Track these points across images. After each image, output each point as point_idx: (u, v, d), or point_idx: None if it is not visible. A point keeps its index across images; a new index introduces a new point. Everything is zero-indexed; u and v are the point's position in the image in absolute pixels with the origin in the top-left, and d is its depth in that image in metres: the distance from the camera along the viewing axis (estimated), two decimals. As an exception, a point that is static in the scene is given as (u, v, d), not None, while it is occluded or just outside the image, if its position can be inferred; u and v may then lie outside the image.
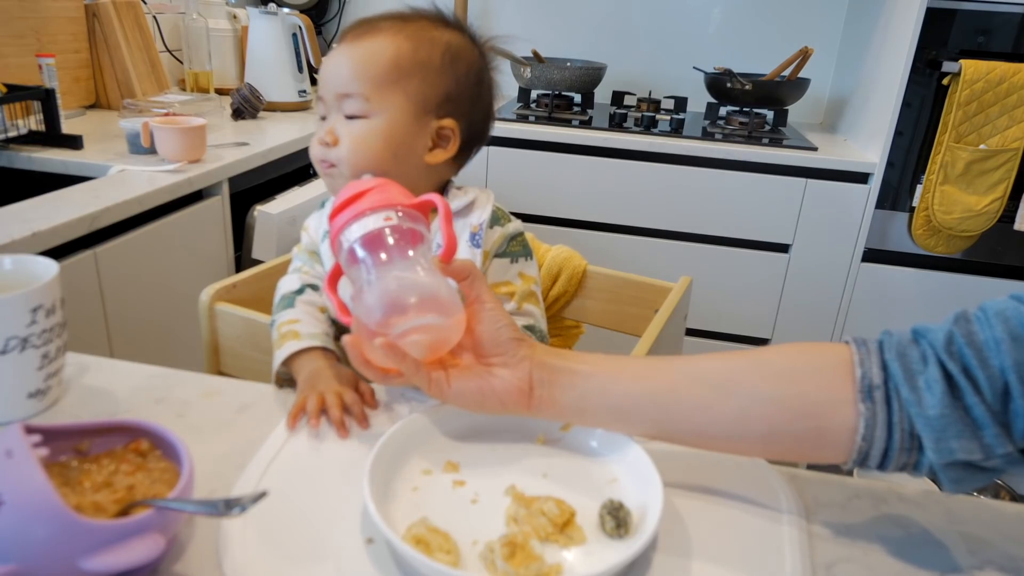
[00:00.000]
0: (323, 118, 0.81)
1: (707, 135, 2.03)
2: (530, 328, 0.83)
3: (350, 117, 0.79)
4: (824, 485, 0.65)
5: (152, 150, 1.43)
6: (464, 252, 0.81)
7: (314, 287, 0.85)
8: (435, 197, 0.64)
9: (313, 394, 0.69)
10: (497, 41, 0.86)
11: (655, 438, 0.61)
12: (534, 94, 2.25)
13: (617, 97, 2.31)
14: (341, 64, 0.78)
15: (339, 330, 0.84)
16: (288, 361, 0.76)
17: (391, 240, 0.60)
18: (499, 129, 1.97)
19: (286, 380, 0.77)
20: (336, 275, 0.67)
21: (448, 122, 0.80)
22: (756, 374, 0.58)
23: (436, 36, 0.81)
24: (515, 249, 0.84)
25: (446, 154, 0.81)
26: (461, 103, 0.81)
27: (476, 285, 0.62)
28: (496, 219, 0.83)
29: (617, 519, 0.54)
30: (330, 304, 0.74)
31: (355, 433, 0.67)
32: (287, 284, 0.85)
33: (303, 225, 0.89)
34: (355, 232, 0.60)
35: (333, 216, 0.63)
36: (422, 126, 0.79)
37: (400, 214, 0.61)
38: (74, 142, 1.46)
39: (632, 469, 0.61)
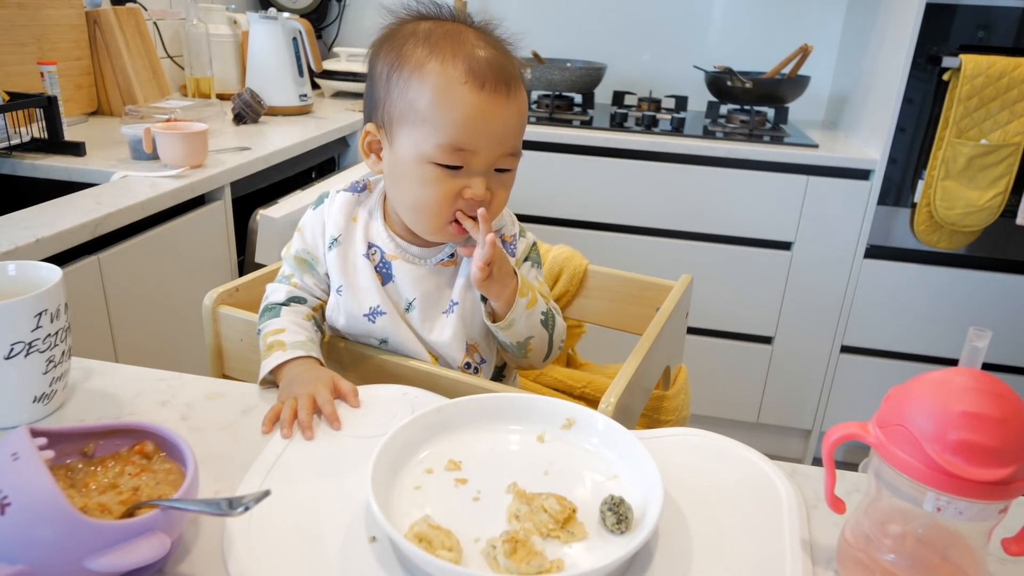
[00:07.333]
0: (452, 167, 0.76)
1: (708, 134, 2.03)
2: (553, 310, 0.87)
3: (500, 171, 0.78)
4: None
5: (154, 156, 1.44)
6: None
7: (300, 300, 0.85)
8: None
9: (289, 399, 0.70)
10: None
11: None
12: (534, 95, 2.26)
13: (617, 97, 2.31)
14: (511, 122, 0.75)
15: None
16: (274, 370, 0.77)
17: None
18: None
19: (271, 383, 0.78)
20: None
21: None
22: None
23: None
24: (534, 256, 0.90)
25: None
26: None
27: None
28: (521, 232, 0.89)
29: (618, 515, 0.55)
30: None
31: (357, 433, 0.67)
32: (274, 294, 0.86)
33: (298, 225, 0.88)
34: None
35: None
36: None
37: None
38: (76, 149, 1.47)
39: (633, 465, 0.61)
